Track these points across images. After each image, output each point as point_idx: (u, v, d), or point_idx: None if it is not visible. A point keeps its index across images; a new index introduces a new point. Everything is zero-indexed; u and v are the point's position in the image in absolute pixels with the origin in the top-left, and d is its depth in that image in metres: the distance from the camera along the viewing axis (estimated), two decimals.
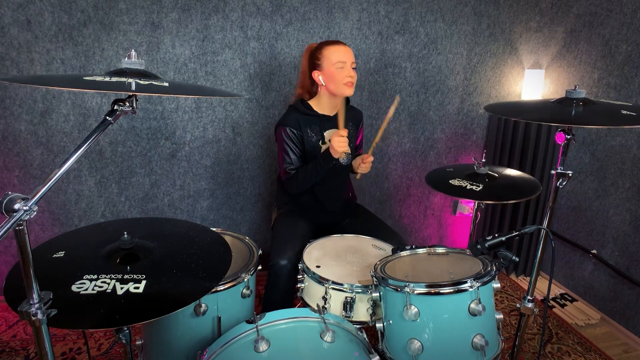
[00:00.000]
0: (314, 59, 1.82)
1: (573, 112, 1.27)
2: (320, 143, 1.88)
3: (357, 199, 2.21)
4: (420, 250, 1.58)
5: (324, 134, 1.89)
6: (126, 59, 0.97)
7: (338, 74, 1.77)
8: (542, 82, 2.71)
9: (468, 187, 1.73)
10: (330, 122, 1.91)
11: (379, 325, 1.40)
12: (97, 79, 0.88)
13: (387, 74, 2.51)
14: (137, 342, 1.46)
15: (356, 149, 2.09)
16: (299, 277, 1.61)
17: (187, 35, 2.16)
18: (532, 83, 2.71)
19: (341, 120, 1.75)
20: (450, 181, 1.77)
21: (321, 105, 1.89)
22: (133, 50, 0.99)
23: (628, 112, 1.21)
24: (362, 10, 2.36)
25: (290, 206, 2.00)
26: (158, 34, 2.13)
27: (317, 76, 1.82)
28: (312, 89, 1.90)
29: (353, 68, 1.80)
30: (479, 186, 1.73)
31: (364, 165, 1.91)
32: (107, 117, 0.89)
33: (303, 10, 2.28)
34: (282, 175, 1.89)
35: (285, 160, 1.84)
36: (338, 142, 1.70)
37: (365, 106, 2.52)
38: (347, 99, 1.97)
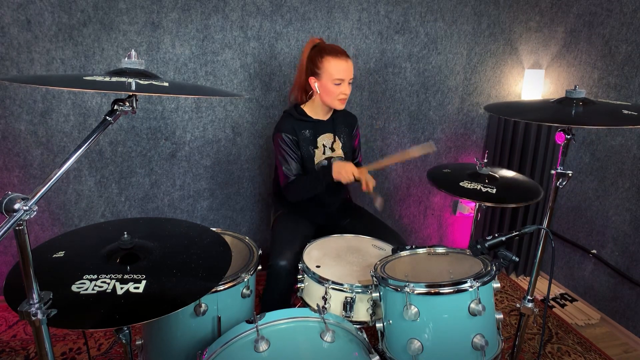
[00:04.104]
0: (313, 65, 1.80)
1: (573, 112, 1.27)
2: (313, 148, 1.88)
3: (352, 200, 2.21)
4: (420, 250, 1.58)
5: (317, 139, 1.90)
6: (126, 59, 0.97)
7: (334, 90, 1.79)
8: (542, 82, 2.71)
9: (483, 190, 1.71)
10: (324, 126, 1.91)
11: (379, 325, 1.40)
12: (97, 79, 0.88)
13: (387, 73, 2.51)
14: (137, 342, 1.46)
15: (354, 152, 2.09)
16: (299, 277, 1.61)
17: (187, 35, 2.16)
18: (532, 83, 2.71)
19: (367, 168, 1.80)
20: (460, 184, 1.76)
21: (315, 110, 1.90)
22: (133, 50, 0.99)
23: (629, 112, 1.20)
24: (362, 10, 2.36)
25: (289, 207, 2.00)
26: (158, 34, 2.13)
27: (314, 83, 1.82)
28: (307, 88, 1.89)
29: (349, 84, 1.81)
30: (493, 188, 1.72)
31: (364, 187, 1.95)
32: (107, 117, 0.89)
33: (303, 10, 2.28)
34: (280, 181, 1.89)
35: (283, 166, 1.85)
36: (346, 175, 1.74)
37: (365, 106, 2.52)
38: None
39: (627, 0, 2.18)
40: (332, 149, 1.94)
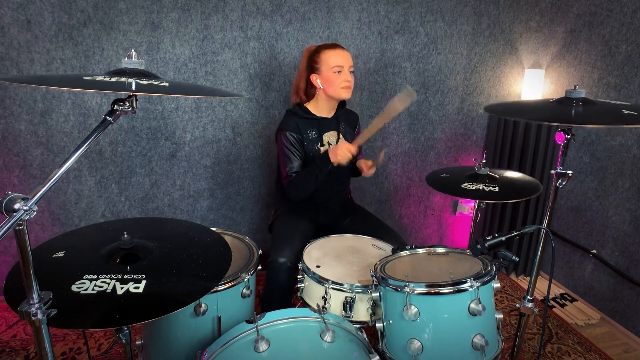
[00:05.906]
0: (312, 63, 1.83)
1: (573, 112, 1.27)
2: (319, 145, 1.88)
3: (354, 199, 2.21)
4: (420, 250, 1.58)
5: (323, 136, 1.90)
6: (126, 58, 0.97)
7: (336, 79, 1.79)
8: (542, 82, 2.71)
9: (486, 189, 1.72)
10: (328, 124, 1.91)
11: (379, 325, 1.40)
12: (97, 79, 0.88)
13: (387, 74, 2.51)
14: (137, 342, 1.46)
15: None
16: (299, 277, 1.61)
17: (187, 35, 2.16)
18: (532, 83, 2.71)
19: (360, 140, 1.77)
20: (462, 185, 1.77)
21: (319, 107, 1.90)
22: (133, 50, 0.99)
23: (629, 112, 1.20)
24: (362, 10, 2.36)
25: (290, 207, 1.99)
26: (158, 34, 2.13)
27: (316, 80, 1.84)
28: (309, 91, 1.91)
29: (351, 72, 1.82)
30: (496, 187, 1.73)
31: (369, 172, 1.95)
32: (107, 117, 0.89)
33: (303, 10, 2.28)
34: (283, 180, 1.88)
35: (286, 165, 1.83)
36: (343, 154, 1.71)
37: (365, 106, 2.52)
38: (343, 103, 1.97)
39: (627, 0, 2.18)
40: None
